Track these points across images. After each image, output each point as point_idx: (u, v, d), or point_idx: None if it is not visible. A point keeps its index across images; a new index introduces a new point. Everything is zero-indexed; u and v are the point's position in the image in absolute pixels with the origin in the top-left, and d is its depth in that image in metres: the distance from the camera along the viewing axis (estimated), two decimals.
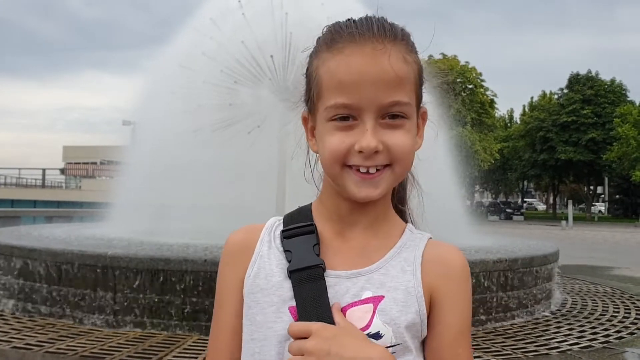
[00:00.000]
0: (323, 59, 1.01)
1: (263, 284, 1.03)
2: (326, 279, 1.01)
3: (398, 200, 1.15)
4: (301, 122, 1.12)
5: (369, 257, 1.05)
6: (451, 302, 1.03)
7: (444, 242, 1.10)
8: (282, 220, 1.11)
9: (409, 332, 1.00)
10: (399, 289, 1.02)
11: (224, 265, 1.11)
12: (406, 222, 1.14)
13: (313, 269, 1.01)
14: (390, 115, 0.98)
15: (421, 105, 1.07)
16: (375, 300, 1.00)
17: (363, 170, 0.99)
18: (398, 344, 0.99)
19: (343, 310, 1.00)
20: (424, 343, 1.05)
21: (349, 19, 1.03)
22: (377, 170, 0.99)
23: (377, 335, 0.98)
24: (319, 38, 1.05)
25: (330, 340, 0.92)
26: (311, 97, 1.05)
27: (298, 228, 1.07)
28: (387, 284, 1.02)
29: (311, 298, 0.98)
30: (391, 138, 0.98)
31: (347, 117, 0.98)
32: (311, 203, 1.13)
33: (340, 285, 1.01)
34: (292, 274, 1.01)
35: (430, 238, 1.10)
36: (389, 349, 0.97)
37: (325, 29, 1.05)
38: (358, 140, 0.97)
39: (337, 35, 1.01)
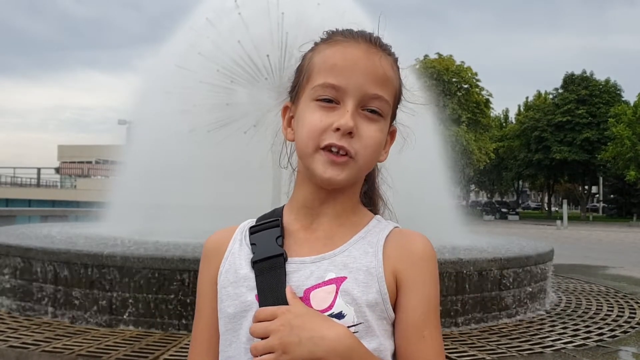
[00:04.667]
0: (319, 50, 1.10)
1: (232, 277, 1.09)
2: (291, 265, 1.06)
3: (366, 201, 1.19)
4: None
5: (334, 244, 1.09)
6: (414, 285, 1.06)
7: (410, 230, 1.13)
8: (255, 220, 1.18)
9: (373, 313, 1.03)
10: (360, 269, 1.05)
11: (201, 267, 1.18)
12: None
13: (274, 259, 1.06)
14: (369, 109, 1.06)
15: (393, 123, 1.15)
16: (338, 281, 1.04)
17: (334, 150, 1.03)
18: (360, 323, 1.02)
19: (307, 292, 1.04)
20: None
21: (347, 28, 1.12)
22: (345, 156, 1.04)
23: (339, 315, 1.02)
24: (316, 41, 1.14)
25: (293, 321, 0.96)
26: (299, 83, 1.12)
27: (264, 223, 1.14)
28: (349, 265, 1.06)
29: (269, 286, 1.03)
30: (366, 128, 1.05)
31: (330, 101, 1.05)
32: (284, 204, 1.19)
33: (305, 270, 1.06)
34: (254, 264, 1.07)
35: (397, 227, 1.14)
36: (351, 328, 1.01)
37: (324, 32, 1.13)
38: (337, 120, 1.03)
39: (336, 33, 1.10)
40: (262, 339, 0.97)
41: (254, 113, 8.37)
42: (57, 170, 53.39)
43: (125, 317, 5.44)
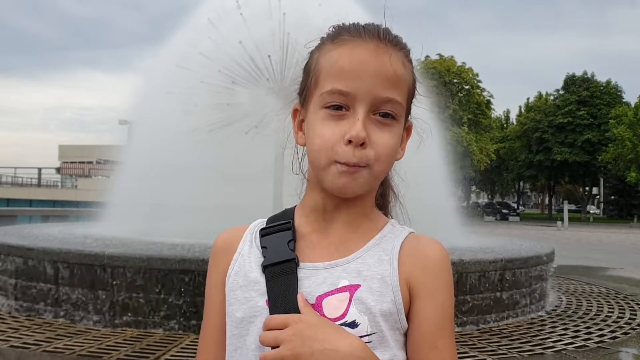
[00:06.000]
0: (326, 50, 1.04)
1: (242, 281, 1.06)
2: (303, 270, 1.03)
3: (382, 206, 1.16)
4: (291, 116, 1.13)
5: (347, 250, 1.06)
6: (428, 293, 1.03)
7: (425, 236, 1.10)
8: (265, 221, 1.13)
9: (387, 322, 1.00)
10: (375, 277, 1.02)
11: (209, 267, 1.14)
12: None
13: (285, 264, 1.02)
14: (381, 114, 1.01)
15: (409, 118, 1.10)
16: (352, 288, 1.01)
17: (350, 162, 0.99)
18: (374, 333, 0.99)
19: (319, 299, 1.01)
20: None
21: (354, 22, 1.07)
22: (359, 166, 1.00)
23: (353, 324, 0.99)
24: (323, 36, 1.08)
25: (305, 331, 0.94)
26: (307, 86, 1.07)
27: (276, 226, 1.09)
28: (363, 273, 1.02)
29: (280, 292, 1.00)
30: (378, 136, 1.00)
31: (340, 107, 1.00)
32: (296, 205, 1.15)
33: (318, 276, 1.03)
34: (265, 268, 1.03)
35: (413, 232, 1.10)
36: (364, 337, 0.98)
37: (331, 28, 1.08)
38: (348, 130, 0.98)
39: (343, 31, 1.04)
40: (272, 347, 0.95)
41: (255, 114, 8.37)
42: (58, 170, 53.50)
43: (126, 317, 5.44)
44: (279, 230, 1.08)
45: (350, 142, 0.98)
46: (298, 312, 0.97)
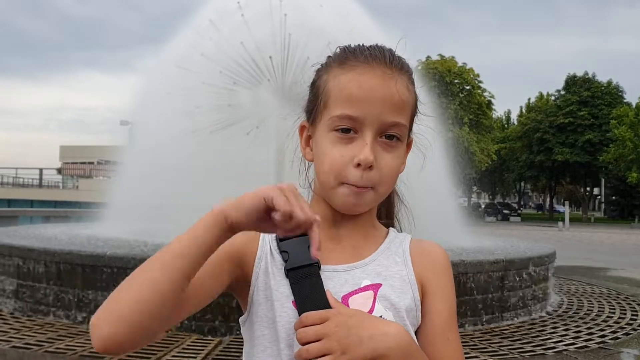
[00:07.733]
0: (334, 74, 1.10)
1: (270, 282, 1.09)
2: (324, 273, 1.07)
3: (386, 215, 1.25)
4: (298, 129, 1.19)
5: (360, 254, 1.13)
6: (440, 291, 1.13)
7: (424, 240, 1.21)
8: None
9: (408, 317, 1.09)
10: (394, 277, 1.11)
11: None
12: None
13: (309, 267, 1.06)
14: (387, 136, 1.08)
15: (410, 134, 1.17)
16: (375, 287, 1.09)
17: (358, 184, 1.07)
18: None
19: (344, 299, 1.06)
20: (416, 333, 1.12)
21: (360, 45, 1.12)
22: (365, 187, 1.07)
23: None
24: (329, 56, 1.15)
25: (348, 322, 0.98)
26: (317, 106, 1.12)
27: None
28: (382, 273, 1.11)
29: (308, 294, 1.04)
30: (384, 158, 1.08)
31: (348, 130, 1.07)
32: None
33: (339, 278, 1.09)
34: (289, 272, 1.07)
35: (412, 237, 1.21)
36: None
37: (338, 49, 1.14)
38: (357, 153, 1.05)
39: (351, 55, 1.10)
40: (303, 344, 0.97)
41: (257, 114, 8.38)
42: (59, 170, 53.53)
43: None
44: (296, 235, 1.11)
45: (359, 165, 1.05)
46: (329, 308, 1.01)
